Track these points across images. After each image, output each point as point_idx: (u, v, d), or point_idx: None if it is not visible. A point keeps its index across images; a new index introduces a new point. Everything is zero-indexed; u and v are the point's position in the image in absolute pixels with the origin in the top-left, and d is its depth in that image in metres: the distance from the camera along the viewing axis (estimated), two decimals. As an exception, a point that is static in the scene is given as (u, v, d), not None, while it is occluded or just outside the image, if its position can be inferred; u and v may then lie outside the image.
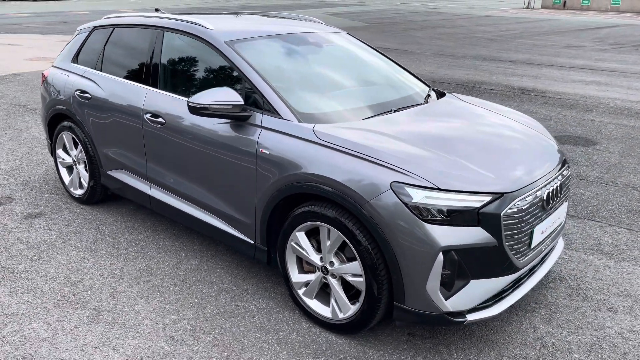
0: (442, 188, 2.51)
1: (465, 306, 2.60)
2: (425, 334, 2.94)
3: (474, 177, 2.60)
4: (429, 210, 2.47)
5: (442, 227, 2.47)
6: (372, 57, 4.01)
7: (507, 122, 3.35)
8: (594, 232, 4.17)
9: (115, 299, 3.22)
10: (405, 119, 3.17)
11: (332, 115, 3.05)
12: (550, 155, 3.07)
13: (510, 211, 2.57)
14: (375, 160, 2.62)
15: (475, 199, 2.52)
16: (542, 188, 2.77)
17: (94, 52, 4.25)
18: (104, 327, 2.96)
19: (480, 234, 2.51)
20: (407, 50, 14.60)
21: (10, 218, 4.26)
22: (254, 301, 3.21)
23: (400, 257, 2.53)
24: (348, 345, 2.85)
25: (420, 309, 2.58)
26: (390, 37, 17.79)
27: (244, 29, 3.56)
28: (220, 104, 2.95)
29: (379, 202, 2.53)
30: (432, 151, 2.73)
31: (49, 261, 3.63)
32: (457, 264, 2.51)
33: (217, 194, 3.30)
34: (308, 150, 2.80)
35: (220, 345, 2.82)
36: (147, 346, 2.81)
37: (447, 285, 2.53)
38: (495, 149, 2.92)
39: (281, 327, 2.99)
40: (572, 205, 4.66)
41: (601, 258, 3.78)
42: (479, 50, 14.86)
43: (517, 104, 8.45)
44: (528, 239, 2.71)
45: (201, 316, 3.07)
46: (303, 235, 2.91)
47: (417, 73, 11.00)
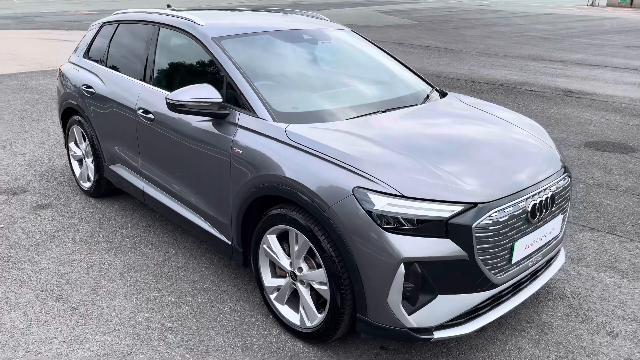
0: (406, 195, 2.35)
1: (431, 322, 2.42)
2: (399, 348, 2.79)
3: (446, 185, 2.43)
4: (391, 218, 2.32)
5: (405, 237, 2.32)
6: (372, 55, 3.86)
7: (503, 127, 3.12)
8: (611, 248, 3.85)
9: (95, 293, 3.23)
10: (392, 120, 3.01)
11: (312, 116, 2.94)
12: (544, 163, 2.83)
13: (485, 223, 2.37)
14: (341, 164, 2.49)
15: (444, 209, 2.35)
16: (527, 199, 2.55)
17: (101, 48, 4.31)
18: (77, 321, 2.97)
19: (449, 246, 2.34)
20: (452, 49, 14.18)
21: (20, 208, 4.39)
22: (230, 303, 3.15)
23: (362, 267, 2.40)
24: (314, 355, 2.73)
25: (382, 323, 2.44)
26: (437, 35, 17.36)
27: (236, 25, 3.50)
28: (197, 101, 2.90)
29: (340, 208, 2.40)
30: (407, 156, 2.57)
31: (43, 252, 3.70)
32: (421, 277, 2.34)
33: (199, 193, 3.26)
34: (278, 151, 2.71)
35: (185, 347, 2.77)
36: (113, 343, 2.79)
37: (410, 299, 2.37)
38: (479, 156, 2.72)
39: (251, 331, 2.91)
40: (594, 217, 4.33)
41: (613, 276, 3.48)
42: (530, 49, 14.24)
43: (557, 106, 8.01)
44: (508, 253, 2.50)
45: (174, 315, 3.03)
46: (274, 238, 2.82)
47: (456, 72, 10.67)
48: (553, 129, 6.83)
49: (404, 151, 2.61)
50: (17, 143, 6.05)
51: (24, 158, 5.56)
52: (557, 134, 6.60)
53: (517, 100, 8.40)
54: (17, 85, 9.08)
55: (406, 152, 2.60)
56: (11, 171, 5.18)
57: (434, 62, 11.89)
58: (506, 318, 3.04)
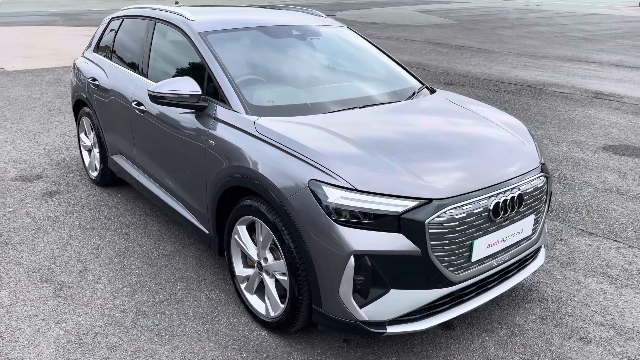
0: (359, 189, 2.36)
1: (384, 317, 2.43)
2: (362, 342, 2.80)
3: (402, 180, 2.43)
4: (344, 211, 2.34)
5: (357, 231, 2.33)
6: (363, 52, 3.87)
7: (479, 125, 3.09)
8: (606, 253, 3.74)
9: (82, 276, 3.38)
10: (366, 116, 3.02)
11: (286, 109, 2.98)
12: (514, 162, 2.78)
13: (439, 220, 2.36)
14: (300, 157, 2.53)
15: (397, 204, 2.35)
16: (490, 197, 2.52)
17: (108, 42, 4.48)
18: (59, 301, 3.12)
19: (401, 241, 2.34)
20: (486, 49, 13.92)
21: (30, 194, 4.61)
22: (207, 291, 3.23)
23: (315, 259, 2.43)
24: (277, 345, 2.78)
25: (335, 315, 2.46)
26: (473, 35, 17.06)
27: (226, 21, 3.58)
28: (177, 93, 2.99)
29: (296, 200, 2.44)
30: (369, 150, 2.58)
31: (42, 236, 3.89)
32: (372, 271, 2.36)
33: (181, 183, 3.36)
34: (246, 143, 2.77)
35: (154, 331, 2.87)
36: (88, 323, 2.92)
37: (362, 292, 2.39)
38: (446, 153, 2.70)
39: (220, 319, 2.98)
40: (595, 222, 4.21)
41: (601, 282, 3.38)
42: (567, 50, 13.82)
43: (583, 108, 7.76)
44: (467, 251, 2.48)
45: (150, 300, 3.14)
46: (244, 229, 2.88)
47: (485, 73, 10.48)
48: (573, 131, 6.64)
49: (368, 146, 2.63)
50: (41, 133, 6.34)
51: (44, 147, 5.82)
52: (576, 136, 6.42)
53: (542, 101, 8.19)
54: (52, 79, 9.49)
55: (370, 147, 2.62)
56: (30, 159, 5.44)
57: (463, 62, 11.71)
58: (477, 318, 3.01)
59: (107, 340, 2.79)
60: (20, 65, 10.67)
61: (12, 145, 5.89)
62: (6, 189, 4.70)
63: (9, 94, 8.30)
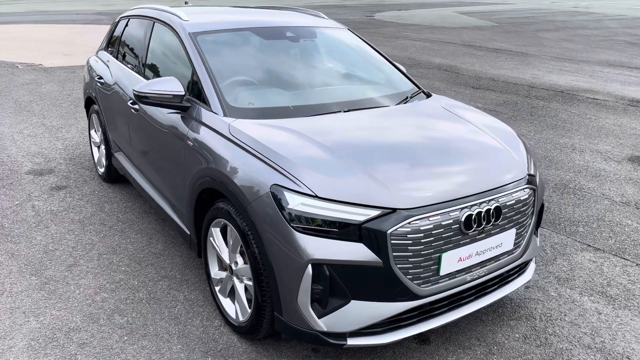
0: (320, 196, 2.30)
1: (344, 328, 2.36)
2: (330, 352, 2.73)
3: (367, 188, 2.35)
4: (303, 218, 2.29)
5: (316, 239, 2.27)
6: (359, 55, 3.79)
7: (465, 133, 2.96)
8: (610, 271, 3.53)
9: (69, 271, 3.44)
10: (348, 121, 2.95)
11: (265, 112, 2.95)
12: (495, 173, 2.65)
13: (403, 230, 2.27)
14: (267, 161, 2.48)
15: (359, 212, 2.28)
16: (462, 209, 2.41)
17: (115, 41, 4.56)
18: (43, 295, 3.18)
19: (362, 252, 2.27)
20: (523, 52, 13.50)
21: (39, 188, 4.74)
22: (186, 292, 3.23)
23: (275, 266, 2.38)
24: (244, 350, 2.74)
25: (295, 324, 2.41)
26: (513, 37, 16.59)
27: (219, 22, 3.58)
28: (160, 93, 3.00)
29: (259, 205, 2.40)
30: (339, 157, 2.52)
31: (42, 229, 3.98)
32: (331, 281, 2.29)
33: (166, 182, 3.37)
34: (220, 145, 2.75)
35: (126, 329, 2.88)
36: (64, 319, 2.96)
37: (320, 302, 2.32)
38: (421, 161, 2.60)
39: (194, 321, 2.97)
40: (605, 237, 3.99)
41: (597, 301, 3.20)
42: (610, 55, 13.26)
43: (615, 116, 7.41)
44: (434, 264, 2.38)
45: (130, 298, 3.16)
46: (218, 231, 2.86)
47: (517, 77, 10.16)
48: (600, 140, 6.34)
49: (340, 152, 2.56)
50: (63, 129, 6.52)
51: (62, 142, 5.99)
52: (602, 146, 6.13)
53: (572, 108, 7.87)
54: (85, 75, 9.76)
55: (341, 153, 2.55)
56: (47, 154, 5.60)
57: (497, 66, 11.39)
58: (455, 333, 2.89)
59: (79, 336, 2.82)
60: (58, 62, 11.04)
61: (33, 139, 6.08)
62: (18, 182, 4.85)
63: (41, 89, 8.59)
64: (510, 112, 7.63)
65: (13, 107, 7.49)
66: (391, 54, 12.78)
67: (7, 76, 9.59)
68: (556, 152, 5.91)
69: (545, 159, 5.68)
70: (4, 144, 5.87)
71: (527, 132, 6.65)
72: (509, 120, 7.18)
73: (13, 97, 8.02)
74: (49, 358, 2.66)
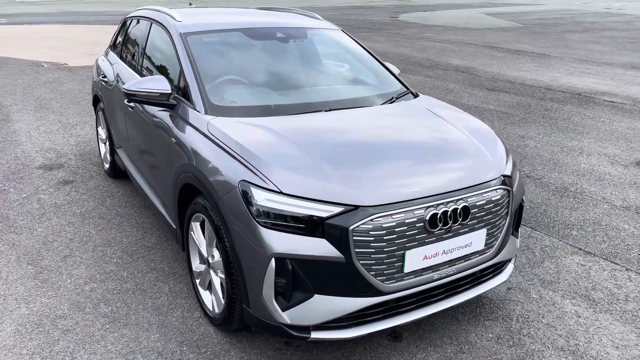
0: (285, 192, 2.36)
1: (308, 321, 2.42)
2: (302, 346, 2.79)
3: (331, 185, 2.40)
4: (267, 213, 2.36)
5: (280, 234, 2.34)
6: (348, 56, 3.84)
7: (442, 133, 2.99)
8: (597, 275, 3.50)
9: (64, 261, 3.58)
10: (326, 120, 3.01)
11: (245, 110, 3.03)
12: (466, 173, 2.67)
13: (365, 227, 2.32)
14: (238, 157, 2.56)
15: (322, 209, 2.33)
16: (427, 207, 2.44)
17: (120, 42, 4.71)
18: (36, 283, 3.32)
19: (324, 247, 2.32)
20: (546, 54, 13.30)
21: (47, 182, 4.93)
22: (172, 284, 3.34)
23: (242, 259, 2.46)
24: (219, 341, 2.83)
25: (261, 317, 2.48)
26: (537, 39, 16.34)
27: (211, 22, 3.67)
28: (147, 91, 3.11)
29: (228, 200, 2.48)
30: (308, 154, 2.58)
31: (44, 221, 4.15)
32: (294, 275, 2.35)
33: (155, 177, 3.49)
34: (198, 141, 2.84)
35: (109, 318, 3.00)
36: (52, 306, 3.09)
37: (284, 295, 2.39)
38: (389, 160, 2.64)
39: (175, 312, 3.07)
40: (598, 241, 3.95)
41: (579, 304, 3.18)
42: (636, 57, 12.94)
43: (629, 120, 7.27)
44: (398, 261, 2.42)
45: (117, 289, 3.28)
46: (198, 226, 2.95)
47: (534, 79, 10.03)
48: (610, 143, 6.24)
49: (311, 150, 2.62)
50: (77, 126, 6.74)
51: (75, 139, 6.19)
52: (611, 149, 6.03)
53: (586, 111, 7.75)
54: (106, 74, 10.03)
55: (312, 151, 2.61)
56: (59, 150, 5.81)
57: (516, 68, 11.26)
58: (429, 331, 2.92)
59: (64, 323, 2.95)
60: (82, 62, 11.36)
61: (48, 135, 6.30)
62: (28, 176, 5.05)
63: (62, 88, 8.87)
64: (521, 114, 7.55)
65: (33, 104, 7.76)
66: (409, 54, 12.76)
67: (32, 75, 9.92)
68: (562, 155, 5.84)
69: (550, 162, 5.62)
70: (20, 140, 6.10)
71: (536, 134, 6.58)
72: (519, 122, 7.11)
73: (34, 95, 8.31)
74: (33, 342, 2.79)
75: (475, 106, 7.95)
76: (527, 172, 5.32)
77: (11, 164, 5.33)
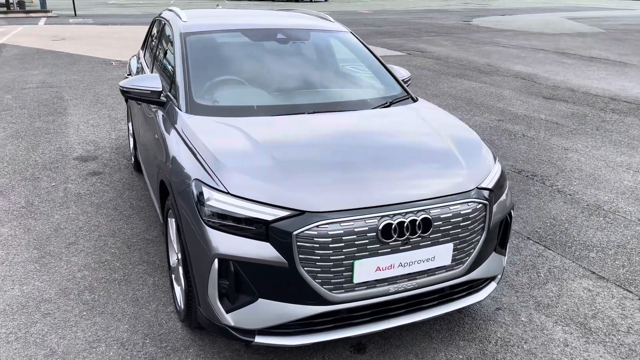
0: (232, 193, 2.35)
1: (252, 325, 2.39)
2: (261, 349, 2.76)
3: (280, 189, 2.36)
4: (215, 214, 2.35)
5: (225, 235, 2.32)
6: (352, 59, 3.76)
7: (421, 141, 2.86)
8: (603, 302, 3.21)
9: (67, 248, 3.76)
10: (303, 122, 2.97)
11: (229, 110, 3.04)
12: (433, 183, 2.53)
13: (310, 233, 2.26)
14: (198, 156, 2.58)
15: (268, 212, 2.30)
16: (381, 217, 2.34)
17: (146, 42, 4.89)
18: (35, 267, 3.51)
19: (267, 250, 2.28)
20: (623, 62, 12.41)
21: (78, 172, 5.21)
22: (157, 278, 3.41)
23: (192, 258, 2.47)
24: (182, 337, 2.86)
25: (209, 317, 2.47)
26: (617, 45, 15.29)
27: (213, 23, 3.73)
28: (140, 89, 3.21)
29: (182, 198, 2.50)
30: (268, 157, 2.55)
31: (63, 210, 4.38)
32: (237, 277, 2.33)
33: (148, 173, 3.59)
34: (172, 138, 2.88)
35: (88, 305, 3.11)
36: (42, 290, 3.25)
37: (229, 297, 2.37)
38: (348, 166, 2.54)
39: (150, 305, 3.13)
40: (617, 266, 3.62)
41: (570, 332, 2.93)
42: None
43: (695, 135, 6.62)
44: (347, 271, 2.33)
45: (105, 278, 3.40)
46: (173, 222, 2.99)
47: (600, 88, 9.39)
48: (664, 160, 5.72)
49: (272, 152, 2.58)
50: (123, 121, 7.07)
51: (117, 133, 6.50)
52: (664, 167, 5.52)
53: None
54: (165, 73, 10.46)
55: (272, 153, 2.57)
56: (99, 142, 6.12)
57: (583, 75, 10.60)
58: (396, 346, 2.80)
59: (47, 307, 3.09)
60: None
61: (94, 129, 6.66)
62: (63, 166, 5.35)
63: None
64: (574, 124, 7.09)
65: (91, 99, 8.23)
66: (470, 59, 12.34)
67: (99, 72, 10.52)
68: (606, 171, 5.41)
69: (589, 177, 5.23)
70: (67, 132, 6.49)
71: (583, 147, 6.15)
72: (568, 133, 6.68)
73: (95, 91, 8.81)
74: (14, 322, 2.95)
75: (525, 115, 7.56)
76: (559, 187, 4.98)
77: (52, 154, 5.67)
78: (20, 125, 6.70)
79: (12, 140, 6.13)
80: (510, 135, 6.61)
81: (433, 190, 2.49)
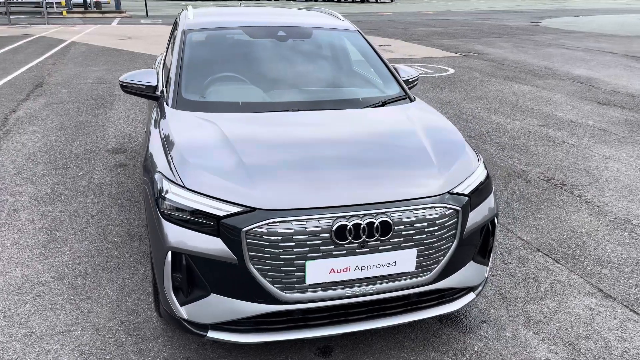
0: (188, 187, 2.36)
1: (205, 319, 2.39)
2: (226, 346, 2.76)
3: (234, 185, 2.35)
4: (171, 207, 2.37)
5: (178, 228, 2.34)
6: (353, 58, 3.69)
7: (399, 142, 2.76)
8: (602, 322, 2.98)
9: (75, 235, 3.93)
10: (282, 120, 2.96)
11: (214, 106, 3.07)
12: (396, 186, 2.43)
13: (259, 231, 2.24)
14: (165, 149, 2.62)
15: (220, 207, 2.29)
16: (337, 218, 2.28)
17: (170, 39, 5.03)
18: (41, 251, 3.69)
19: (218, 246, 2.28)
20: (697, 66, 11.48)
21: (105, 163, 5.43)
22: (149, 267, 3.49)
23: (151, 250, 2.51)
24: (154, 327, 2.91)
25: (166, 308, 2.50)
26: (696, 49, 14.16)
27: (216, 20, 3.77)
28: (136, 83, 3.31)
29: (148, 189, 2.55)
30: (232, 153, 2.55)
31: (82, 198, 4.58)
32: (189, 270, 2.34)
33: (148, 166, 3.68)
34: (154, 132, 2.94)
35: (78, 290, 3.24)
36: (41, 273, 3.42)
37: (182, 290, 2.39)
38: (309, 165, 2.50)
39: (134, 294, 3.21)
40: (630, 285, 3.35)
41: (556, 352, 2.73)
42: None
43: None
44: (298, 271, 2.29)
45: (101, 265, 3.52)
46: (158, 215, 3.06)
47: (631, 92, 8.68)
48: None
49: (238, 148, 2.58)
50: (162, 116, 7.31)
51: (153, 128, 6.73)
52: None
53: None
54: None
55: (237, 150, 2.57)
56: (133, 136, 6.36)
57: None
58: (364, 352, 2.72)
59: (39, 289, 3.24)
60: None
61: (133, 123, 6.93)
62: (94, 157, 5.60)
63: (170, 81, 9.66)
64: (623, 132, 6.63)
65: (138, 94, 8.56)
66: (528, 62, 11.83)
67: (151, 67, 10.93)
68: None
69: (625, 189, 4.87)
70: (107, 125, 6.79)
71: (627, 156, 5.73)
72: (613, 141, 6.25)
73: (144, 86, 9.15)
74: (6, 302, 3.12)
75: (572, 120, 7.15)
76: (588, 198, 4.66)
77: (88, 146, 5.95)
78: (67, 118, 7.08)
79: (56, 131, 6.48)
80: (549, 141, 6.27)
81: (396, 193, 2.40)
